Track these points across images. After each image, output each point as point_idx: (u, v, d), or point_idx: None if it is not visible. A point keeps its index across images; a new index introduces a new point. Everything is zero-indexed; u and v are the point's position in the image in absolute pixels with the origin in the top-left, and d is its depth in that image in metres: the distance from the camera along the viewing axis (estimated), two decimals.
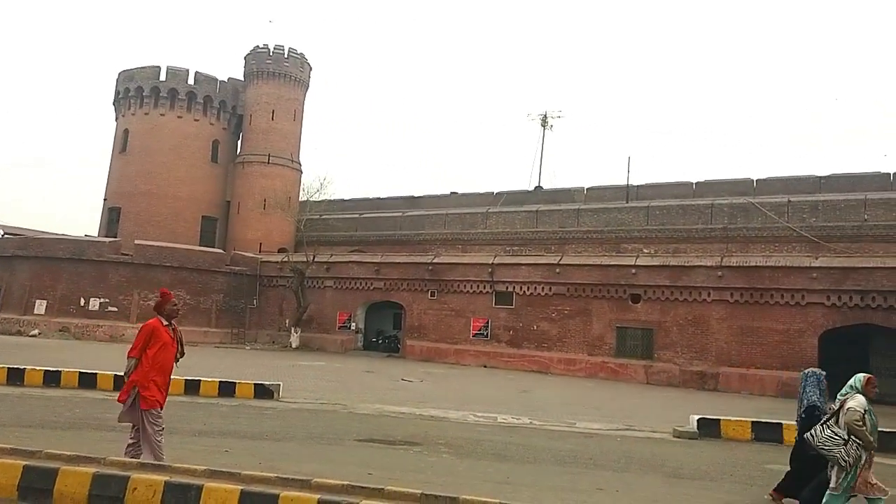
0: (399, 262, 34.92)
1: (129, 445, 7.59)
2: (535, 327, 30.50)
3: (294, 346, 34.96)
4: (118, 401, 7.73)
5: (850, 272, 24.94)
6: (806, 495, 7.72)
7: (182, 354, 7.98)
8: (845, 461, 6.84)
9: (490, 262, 32.24)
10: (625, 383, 26.94)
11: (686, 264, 27.95)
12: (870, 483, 6.89)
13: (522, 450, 11.26)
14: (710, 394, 24.65)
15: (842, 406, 7.11)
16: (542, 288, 30.56)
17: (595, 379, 27.89)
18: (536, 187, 42.76)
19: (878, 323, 24.42)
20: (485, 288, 31.96)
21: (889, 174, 32.34)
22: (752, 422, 13.82)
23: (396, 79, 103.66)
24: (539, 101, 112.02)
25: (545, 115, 48.33)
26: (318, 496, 7.05)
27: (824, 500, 7.02)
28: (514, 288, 31.30)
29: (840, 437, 6.94)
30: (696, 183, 36.31)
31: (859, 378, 7.28)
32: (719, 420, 13.89)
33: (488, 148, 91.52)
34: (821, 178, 33.35)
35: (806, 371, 9.03)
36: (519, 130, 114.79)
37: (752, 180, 34.59)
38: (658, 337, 27.77)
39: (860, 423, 6.87)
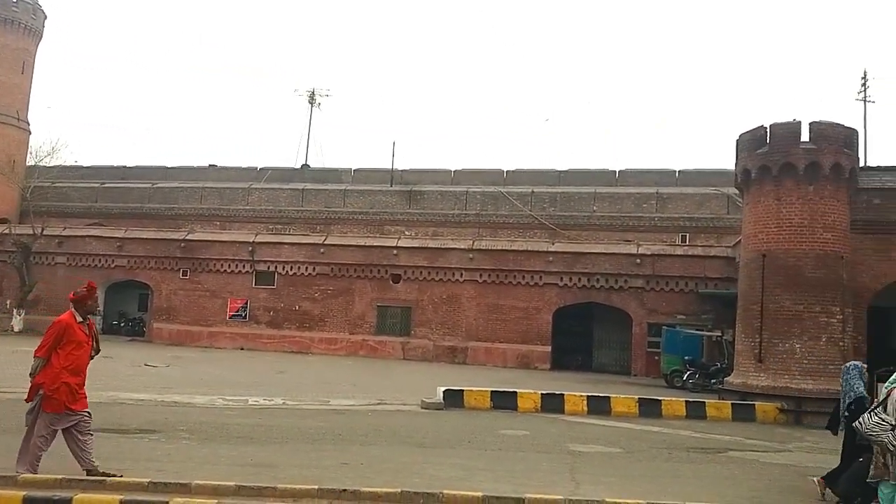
0: (146, 238, 32.20)
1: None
2: (296, 307, 30.07)
3: (17, 329, 30.67)
4: (25, 401, 7.21)
5: (580, 257, 28.14)
6: (843, 487, 7.96)
7: (97, 351, 7.47)
8: (894, 445, 6.92)
9: (251, 240, 31.06)
10: (384, 360, 27.70)
11: (443, 246, 29.43)
12: None
13: (271, 430, 11.01)
14: (461, 367, 26.30)
15: (889, 395, 7.27)
16: (306, 268, 30.20)
17: (355, 357, 28.29)
18: (303, 165, 41.97)
19: (601, 301, 27.88)
20: (244, 267, 30.74)
21: (615, 171, 36.86)
22: (492, 391, 14.96)
23: (154, 40, 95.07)
24: (307, 78, 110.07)
25: (313, 92, 47.53)
26: (23, 493, 6.28)
27: (882, 491, 7.00)
28: (275, 268, 30.52)
29: (888, 422, 7.05)
30: (455, 171, 38.27)
31: None
32: (463, 391, 14.84)
33: (253, 122, 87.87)
34: (560, 172, 36.98)
35: (848, 364, 9.01)
36: (286, 106, 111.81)
37: (503, 171, 37.31)
38: (415, 315, 28.95)
39: None
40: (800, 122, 16.66)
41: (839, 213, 16.45)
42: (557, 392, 15.46)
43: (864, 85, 39.70)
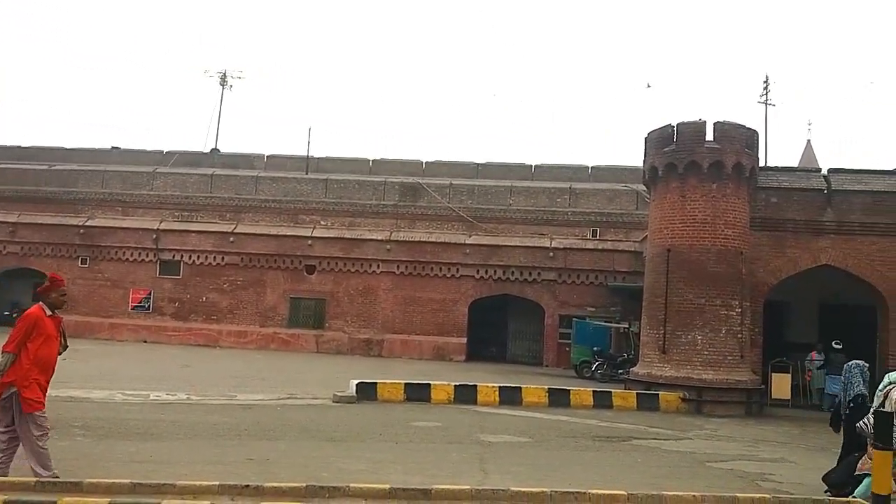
0: (42, 224, 30.30)
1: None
2: (204, 299, 29.03)
3: None
4: None
5: (496, 249, 28.45)
6: (835, 478, 8.25)
7: (65, 347, 7.07)
8: None
9: (155, 227, 29.74)
10: (296, 353, 27.14)
11: (359, 237, 29.09)
12: None
13: (172, 426, 10.54)
14: (376, 359, 26.11)
15: (886, 396, 7.66)
16: (214, 257, 29.19)
17: (266, 350, 27.60)
18: (213, 150, 40.42)
19: (515, 293, 28.30)
20: (148, 256, 29.41)
21: (531, 166, 37.43)
22: (405, 384, 14.89)
23: (55, 16, 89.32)
24: (219, 59, 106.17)
25: (224, 74, 45.86)
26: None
27: (865, 483, 7.36)
28: (182, 257, 29.36)
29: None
30: (373, 160, 37.86)
31: None
32: (376, 384, 14.70)
33: (159, 103, 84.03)
34: (478, 164, 37.21)
35: (849, 364, 9.11)
36: (196, 88, 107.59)
37: (422, 162, 37.21)
38: (330, 307, 28.50)
39: None
40: (705, 122, 17.35)
41: (740, 211, 17.26)
42: (471, 383, 15.56)
43: (765, 89, 41.83)
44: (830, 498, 7.52)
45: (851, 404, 8.66)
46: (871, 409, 7.68)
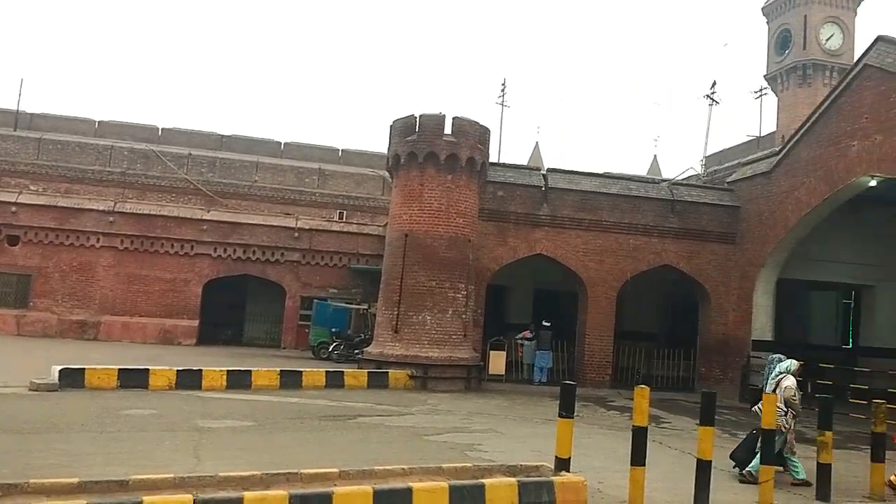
0: None
1: None
2: None
3: None
4: None
5: (237, 227, 27.18)
6: (738, 454, 9.33)
7: None
8: (787, 427, 8.95)
9: None
10: None
11: (77, 206, 25.85)
12: (791, 444, 9.10)
13: None
14: (91, 343, 23.48)
15: (778, 384, 9.11)
16: None
17: None
18: None
19: (256, 274, 27.37)
20: None
21: (280, 142, 36.46)
22: (119, 369, 13.59)
23: None
24: None
25: None
26: None
27: (791, 461, 9.06)
28: None
29: (781, 409, 8.84)
30: (100, 122, 34.04)
31: (794, 364, 9.41)
32: (84, 370, 13.21)
33: None
34: (223, 136, 35.30)
35: (772, 356, 10.02)
36: None
37: (158, 128, 34.31)
38: (36, 284, 24.98)
39: (795, 398, 9.00)
40: (444, 116, 18.25)
41: (470, 202, 18.48)
42: (195, 368, 14.69)
43: (503, 91, 45.34)
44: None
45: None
46: (762, 391, 9.14)
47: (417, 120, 18.33)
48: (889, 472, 8.91)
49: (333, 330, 23.30)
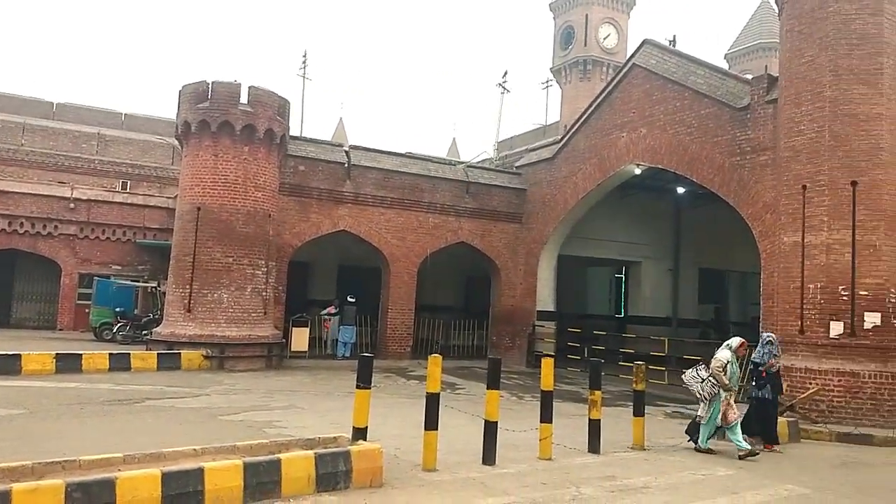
0: None
1: None
2: None
3: None
4: None
5: (1, 196, 24.03)
6: (689, 427, 9.75)
7: None
8: (700, 394, 9.33)
9: None
10: None
11: None
12: (726, 417, 9.32)
13: None
14: None
15: (714, 356, 9.50)
16: None
17: None
18: None
19: (25, 248, 24.44)
20: None
21: (52, 103, 32.68)
22: None
23: None
24: None
25: None
26: None
27: (701, 430, 9.44)
28: None
29: (699, 377, 9.39)
30: None
31: (736, 340, 9.77)
32: None
33: None
34: None
35: (764, 334, 10.69)
36: None
37: None
38: None
39: (721, 370, 9.32)
40: (240, 84, 17.48)
41: (270, 175, 17.96)
42: None
43: (304, 63, 44.16)
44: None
45: (751, 367, 10.62)
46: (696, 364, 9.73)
47: (210, 86, 17.39)
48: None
49: (118, 310, 21.58)
